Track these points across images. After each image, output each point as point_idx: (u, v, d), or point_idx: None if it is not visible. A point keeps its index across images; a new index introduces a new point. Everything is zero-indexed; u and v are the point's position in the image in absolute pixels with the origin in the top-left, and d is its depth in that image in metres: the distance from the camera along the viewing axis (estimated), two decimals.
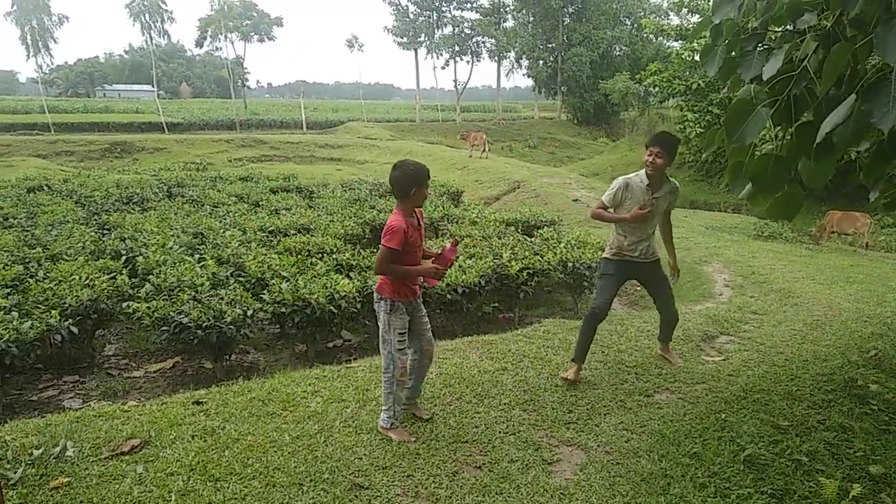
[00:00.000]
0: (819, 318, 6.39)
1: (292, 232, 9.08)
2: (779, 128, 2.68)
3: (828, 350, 5.37)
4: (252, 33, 55.20)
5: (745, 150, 2.46)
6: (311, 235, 8.70)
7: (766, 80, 2.38)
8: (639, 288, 8.98)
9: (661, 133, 4.41)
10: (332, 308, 5.80)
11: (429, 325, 3.88)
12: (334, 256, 7.46)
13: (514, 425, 3.89)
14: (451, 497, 3.13)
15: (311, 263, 7.04)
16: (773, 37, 2.82)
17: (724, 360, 5.18)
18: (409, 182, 3.52)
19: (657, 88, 25.65)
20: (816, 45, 2.35)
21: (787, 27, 2.70)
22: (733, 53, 2.77)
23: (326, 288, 5.95)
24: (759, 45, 2.69)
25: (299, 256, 7.36)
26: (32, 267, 6.88)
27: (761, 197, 2.57)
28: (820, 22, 2.45)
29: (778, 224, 13.73)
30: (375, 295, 3.68)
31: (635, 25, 49.07)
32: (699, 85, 22.94)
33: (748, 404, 4.24)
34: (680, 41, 26.08)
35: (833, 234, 12.49)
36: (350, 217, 10.21)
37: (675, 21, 31.24)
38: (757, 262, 9.16)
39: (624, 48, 52.06)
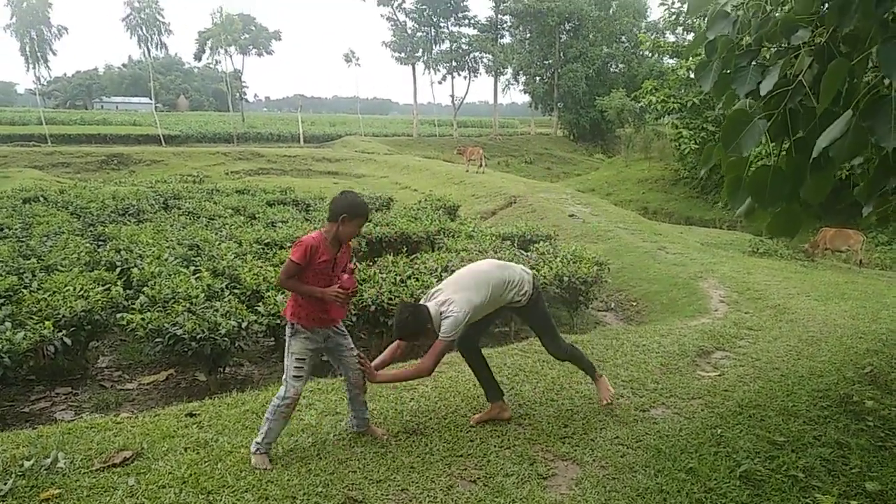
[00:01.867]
0: (814, 334, 6.39)
1: (288, 244, 9.06)
2: (774, 143, 2.69)
3: (823, 366, 5.37)
4: (250, 47, 55.53)
5: (742, 164, 2.46)
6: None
7: (762, 96, 2.40)
8: (635, 303, 9.00)
9: (401, 327, 3.74)
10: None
11: (355, 357, 3.72)
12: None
13: (509, 439, 3.87)
14: None
15: None
16: (766, 55, 2.84)
17: (719, 375, 5.18)
18: (343, 208, 3.44)
19: (652, 107, 25.84)
20: (811, 61, 2.37)
21: (782, 44, 2.72)
22: (728, 70, 2.80)
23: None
24: (753, 61, 2.71)
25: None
26: (27, 278, 6.86)
27: (760, 212, 2.57)
28: (814, 38, 2.47)
29: (773, 241, 13.78)
30: (284, 318, 3.61)
31: (631, 43, 49.49)
32: (694, 102, 23.13)
33: (744, 420, 4.23)
34: (675, 58, 26.32)
35: (827, 251, 12.54)
36: None
37: (672, 39, 31.53)
38: (752, 279, 9.18)
39: (620, 65, 52.47)
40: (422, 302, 3.88)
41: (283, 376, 3.55)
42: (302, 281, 3.45)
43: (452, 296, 3.76)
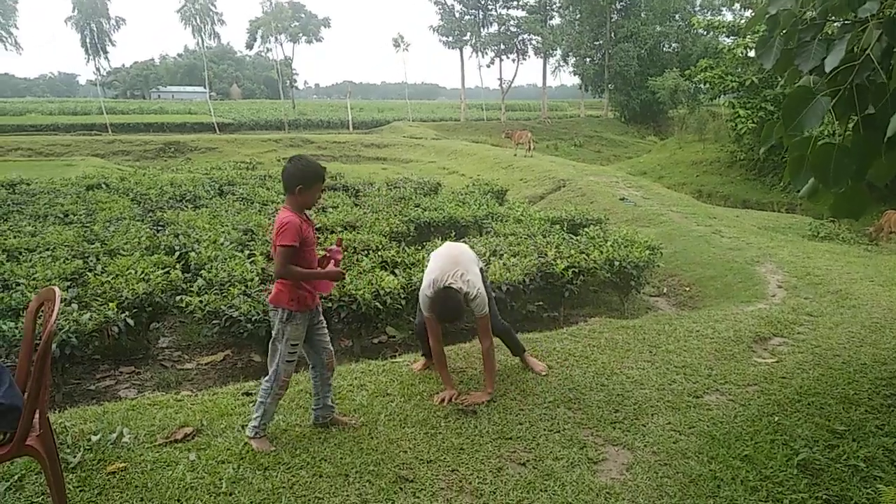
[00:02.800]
0: (878, 320, 6.15)
1: (339, 229, 9.20)
2: (838, 122, 2.59)
3: (888, 353, 5.16)
4: (300, 34, 56.22)
5: (806, 143, 2.36)
6: (357, 232, 8.80)
7: (827, 72, 2.30)
8: (688, 288, 8.82)
9: (443, 309, 3.97)
10: (377, 304, 5.85)
11: (328, 336, 3.68)
12: (379, 253, 7.53)
13: (558, 423, 3.86)
14: (494, 493, 3.13)
15: (357, 260, 7.12)
16: (830, 29, 2.72)
17: (777, 362, 5.04)
18: (296, 179, 3.33)
19: (708, 85, 25.02)
20: (880, 34, 2.26)
21: (848, 17, 2.60)
22: (790, 45, 2.69)
23: (372, 284, 6.01)
24: (818, 35, 2.60)
25: (345, 253, 7.45)
26: (91, 261, 7.14)
27: (824, 193, 2.47)
28: (883, 10, 2.36)
29: (835, 224, 13.27)
30: (270, 305, 3.48)
31: (685, 21, 48.00)
32: (752, 81, 22.30)
33: (802, 407, 4.11)
34: (732, 37, 25.42)
35: (892, 235, 12.00)
36: (395, 215, 10.29)
37: (728, 17, 30.48)
38: (812, 263, 8.87)
39: (673, 44, 50.99)
40: (445, 284, 3.99)
41: (275, 360, 3.46)
42: (297, 262, 3.35)
43: (464, 281, 4.01)
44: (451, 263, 4.10)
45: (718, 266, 9.22)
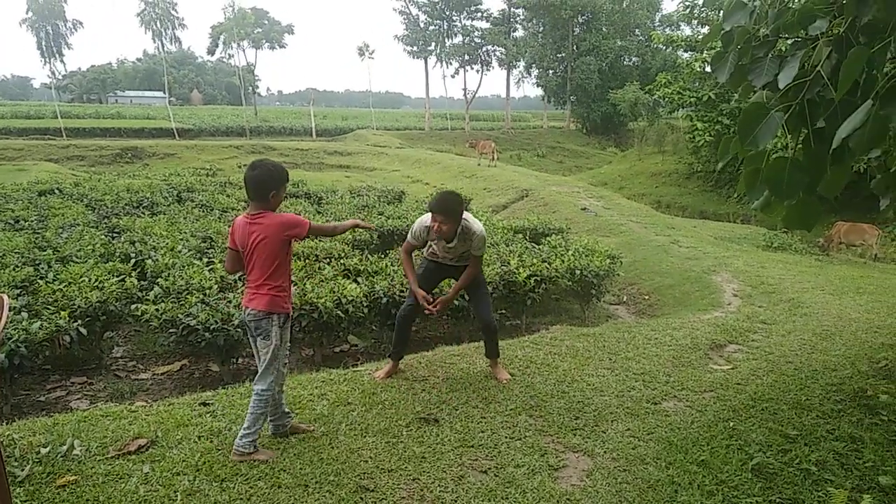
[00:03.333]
0: (829, 328, 6.34)
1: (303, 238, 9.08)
2: (790, 136, 2.67)
3: (837, 360, 5.33)
4: (263, 41, 55.75)
5: (761, 157, 2.43)
6: (319, 240, 8.72)
7: (780, 87, 2.37)
8: (647, 297, 8.97)
9: (441, 200, 4.29)
10: (339, 313, 5.80)
11: (264, 358, 3.52)
12: (342, 261, 7.48)
13: (520, 431, 3.87)
14: (456, 501, 3.12)
15: (319, 268, 7.05)
16: (782, 46, 2.81)
17: (732, 368, 5.15)
18: (269, 185, 3.35)
19: (667, 100, 25.63)
20: (829, 51, 2.35)
21: (799, 34, 2.69)
22: (744, 61, 2.77)
23: (334, 293, 5.96)
24: (770, 52, 2.68)
25: (307, 261, 7.38)
26: (42, 268, 6.93)
27: (777, 205, 2.54)
28: (832, 28, 2.45)
29: (787, 235, 13.67)
30: (261, 313, 3.38)
31: (645, 35, 49.09)
32: (709, 96, 22.92)
33: (757, 413, 4.21)
34: (690, 52, 26.09)
35: (841, 245, 12.42)
36: None
37: (686, 32, 31.25)
38: (766, 273, 9.12)
39: (633, 58, 52.07)
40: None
41: (269, 366, 3.41)
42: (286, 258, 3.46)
43: (469, 219, 4.38)
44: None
45: (676, 275, 9.40)
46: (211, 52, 57.69)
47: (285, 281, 3.48)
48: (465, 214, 4.37)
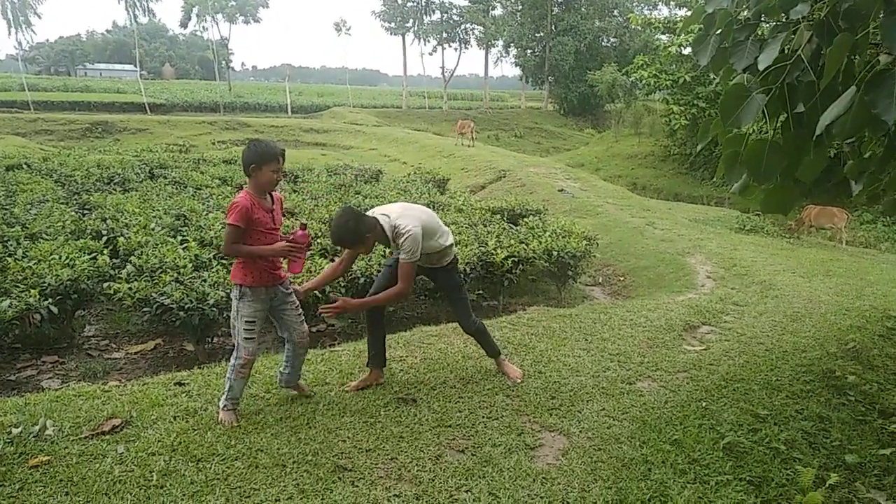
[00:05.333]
0: (799, 310, 6.47)
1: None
2: (769, 119, 2.69)
3: (807, 341, 5.45)
4: (237, 14, 54.58)
5: (740, 140, 2.45)
6: (296, 219, 8.64)
7: (761, 71, 2.38)
8: (622, 278, 9.05)
9: (333, 231, 3.74)
10: (316, 293, 5.76)
11: (300, 316, 3.76)
12: (318, 241, 7.42)
13: (497, 410, 3.90)
14: (433, 480, 3.14)
15: None
16: (763, 29, 2.82)
17: (705, 349, 5.24)
18: (249, 159, 3.41)
19: (644, 82, 25.74)
20: (810, 35, 2.36)
21: (780, 18, 2.70)
22: (726, 44, 2.78)
23: (310, 272, 5.92)
24: (752, 35, 2.69)
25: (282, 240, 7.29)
26: (11, 245, 6.77)
27: (754, 189, 2.57)
28: (813, 13, 2.46)
29: (760, 218, 13.88)
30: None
31: (623, 16, 49.05)
32: (686, 79, 23.06)
33: (728, 393, 4.29)
34: (667, 34, 26.17)
35: (811, 229, 12.65)
36: (335, 202, 10.15)
37: (664, 13, 31.32)
38: (738, 255, 9.26)
39: (611, 39, 52.05)
40: (379, 213, 3.83)
41: (235, 339, 3.56)
42: (249, 242, 3.45)
43: (402, 215, 3.77)
44: (389, 208, 3.93)
45: (651, 257, 9.51)
46: (184, 24, 56.31)
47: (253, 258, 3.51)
48: (397, 210, 3.82)
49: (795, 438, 3.71)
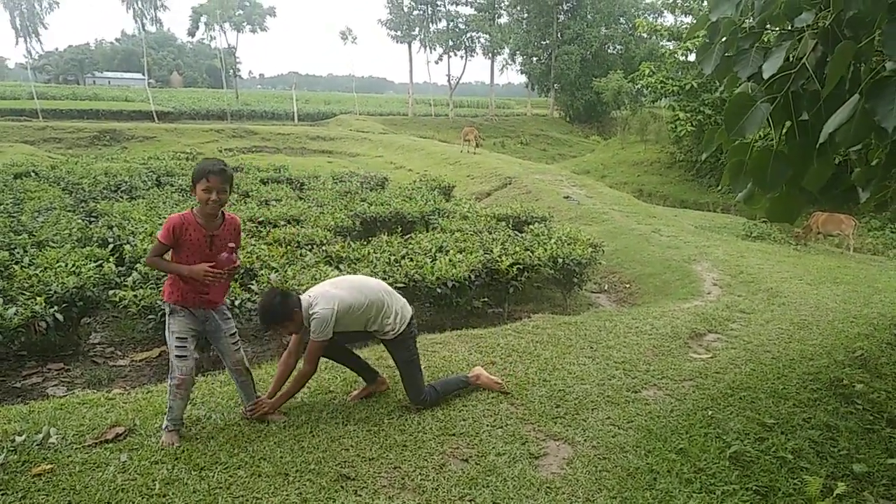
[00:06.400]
0: (806, 317, 6.43)
1: (282, 223, 9.02)
2: (774, 128, 2.68)
3: (814, 349, 5.40)
4: (245, 23, 54.89)
5: (745, 149, 2.43)
6: (301, 227, 8.65)
7: (765, 79, 2.37)
8: (628, 285, 9.02)
9: (260, 313, 3.77)
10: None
11: (236, 344, 3.62)
12: (324, 248, 7.42)
13: (501, 419, 3.88)
14: (437, 489, 3.12)
15: (301, 255, 7.00)
16: (767, 38, 2.82)
17: (711, 357, 5.21)
18: (192, 178, 3.39)
19: (650, 89, 25.70)
20: (815, 44, 2.35)
21: (785, 26, 2.69)
22: (730, 53, 2.77)
23: (315, 280, 5.92)
24: (756, 43, 2.68)
25: (288, 247, 7.32)
26: (18, 253, 6.80)
27: (759, 197, 2.55)
28: (818, 21, 2.45)
29: (767, 225, 13.81)
30: None
31: (629, 24, 49.05)
32: (692, 85, 23.00)
33: (735, 402, 4.26)
34: (673, 41, 26.15)
35: (818, 236, 12.57)
36: (340, 209, 10.17)
37: (669, 20, 31.33)
38: (745, 262, 9.21)
39: (617, 46, 52.03)
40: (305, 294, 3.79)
41: (170, 357, 3.44)
42: (178, 261, 3.39)
43: (322, 294, 3.70)
44: (325, 282, 3.93)
45: (657, 264, 9.47)
46: (191, 33, 56.73)
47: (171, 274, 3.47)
48: (315, 294, 3.74)
49: (802, 447, 3.67)
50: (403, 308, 3.99)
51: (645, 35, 37.23)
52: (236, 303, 5.55)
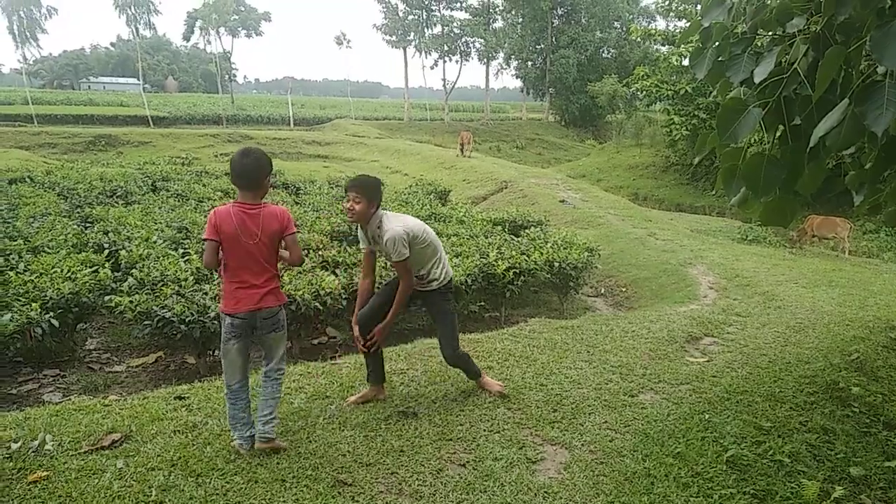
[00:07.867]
0: (802, 321, 6.45)
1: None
2: (766, 132, 2.69)
3: (810, 353, 5.42)
4: (240, 28, 54.98)
5: (738, 153, 2.45)
6: (297, 232, 8.64)
7: (757, 84, 2.39)
8: (624, 289, 9.04)
9: (355, 178, 3.97)
10: (317, 305, 5.77)
11: (280, 347, 3.51)
12: (320, 253, 7.42)
13: (498, 423, 3.88)
14: (434, 494, 3.12)
15: None
16: (759, 42, 2.83)
17: (708, 361, 5.22)
18: (267, 169, 3.44)
19: (645, 93, 25.81)
20: (806, 49, 2.36)
21: (776, 31, 2.71)
22: (722, 57, 2.78)
23: (312, 284, 5.92)
24: (748, 48, 2.70)
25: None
26: (13, 259, 6.78)
27: (753, 201, 2.56)
28: (809, 26, 2.47)
29: (762, 228, 13.86)
30: (277, 308, 3.45)
31: (624, 28, 49.23)
32: (686, 90, 23.11)
33: (731, 405, 4.26)
34: (667, 45, 26.27)
35: (813, 239, 12.62)
36: (337, 214, 10.16)
37: (662, 25, 31.47)
38: (741, 265, 9.24)
39: (612, 51, 52.24)
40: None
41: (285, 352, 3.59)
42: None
43: (391, 215, 3.94)
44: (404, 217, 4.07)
45: (653, 268, 9.49)
46: (186, 38, 56.76)
47: None
48: (388, 213, 3.93)
49: (799, 451, 3.68)
50: (448, 265, 4.18)
51: (639, 39, 37.38)
52: None
